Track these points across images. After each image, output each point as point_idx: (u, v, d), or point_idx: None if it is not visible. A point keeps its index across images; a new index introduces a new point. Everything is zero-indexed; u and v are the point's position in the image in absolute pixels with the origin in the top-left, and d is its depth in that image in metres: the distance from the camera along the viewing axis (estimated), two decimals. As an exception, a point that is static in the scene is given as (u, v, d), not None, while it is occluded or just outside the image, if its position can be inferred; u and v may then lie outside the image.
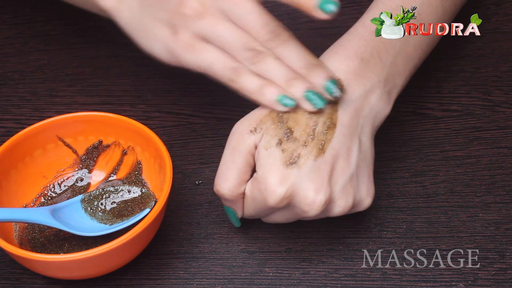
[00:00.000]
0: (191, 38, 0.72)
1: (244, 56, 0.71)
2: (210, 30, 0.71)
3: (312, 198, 0.69)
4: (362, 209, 0.73)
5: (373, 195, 0.73)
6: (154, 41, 0.74)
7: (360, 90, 0.72)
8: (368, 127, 0.73)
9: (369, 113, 0.73)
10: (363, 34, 0.75)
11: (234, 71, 0.71)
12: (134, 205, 0.77)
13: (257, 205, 0.72)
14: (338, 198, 0.70)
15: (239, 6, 0.70)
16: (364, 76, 0.73)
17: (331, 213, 0.71)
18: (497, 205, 0.78)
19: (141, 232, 0.70)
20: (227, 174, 0.72)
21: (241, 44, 0.71)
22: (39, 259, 0.69)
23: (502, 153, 0.82)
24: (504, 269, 0.74)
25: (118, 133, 0.79)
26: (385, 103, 0.74)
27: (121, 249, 0.70)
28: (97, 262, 0.70)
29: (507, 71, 0.89)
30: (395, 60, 0.75)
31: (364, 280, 0.74)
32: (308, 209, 0.70)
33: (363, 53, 0.74)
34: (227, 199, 0.73)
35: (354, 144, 0.71)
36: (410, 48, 0.76)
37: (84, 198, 0.77)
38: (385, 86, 0.74)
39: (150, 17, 0.73)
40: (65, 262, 0.69)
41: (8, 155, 0.76)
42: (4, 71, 0.93)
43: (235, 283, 0.74)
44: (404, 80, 0.76)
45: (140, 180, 0.79)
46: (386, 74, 0.74)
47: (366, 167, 0.72)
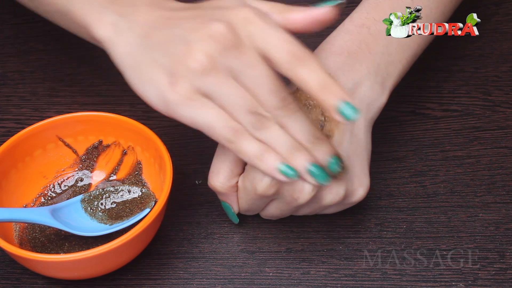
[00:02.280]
0: (191, 91, 0.67)
1: (248, 120, 0.67)
2: (214, 89, 0.66)
3: (300, 184, 0.69)
4: (356, 199, 0.73)
5: (367, 186, 0.73)
6: (148, 86, 0.68)
7: (348, 84, 0.73)
8: (360, 119, 0.73)
9: (360, 105, 0.73)
10: (349, 28, 0.75)
11: (234, 132, 0.67)
12: (134, 205, 0.77)
13: (248, 196, 0.72)
14: (327, 186, 0.70)
15: (253, 69, 0.66)
16: (352, 69, 0.73)
17: (323, 202, 0.71)
18: (497, 205, 0.78)
19: (141, 232, 0.70)
20: (219, 167, 0.73)
21: (246, 106, 0.66)
22: (39, 259, 0.69)
23: (502, 153, 0.82)
24: (504, 269, 0.74)
25: (118, 133, 0.79)
26: (377, 93, 0.74)
27: (121, 249, 0.70)
28: (97, 262, 0.70)
29: (507, 71, 0.89)
30: (387, 50, 0.75)
31: (364, 280, 0.74)
32: (297, 196, 0.70)
33: (350, 47, 0.74)
34: (219, 192, 0.74)
35: (344, 137, 0.72)
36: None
37: (84, 198, 0.77)
38: (376, 76, 0.74)
39: (149, 59, 0.68)
40: (65, 262, 0.69)
41: (8, 155, 0.76)
42: (4, 71, 0.93)
43: (235, 283, 0.74)
44: (401, 68, 0.76)
45: (140, 180, 0.79)
46: (376, 64, 0.74)
47: (358, 158, 0.72)
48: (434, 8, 0.79)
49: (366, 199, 0.77)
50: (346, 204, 0.73)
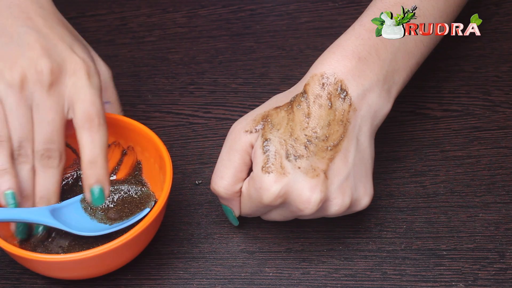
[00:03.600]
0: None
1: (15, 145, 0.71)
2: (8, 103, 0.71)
3: (307, 196, 0.69)
4: (360, 208, 0.73)
5: (372, 195, 0.73)
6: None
7: (358, 90, 0.72)
8: (366, 126, 0.73)
9: (368, 112, 0.73)
10: (360, 33, 0.75)
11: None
12: (133, 205, 0.77)
13: (253, 204, 0.72)
14: (334, 197, 0.70)
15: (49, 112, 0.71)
16: (362, 75, 0.73)
17: (328, 212, 0.71)
18: (497, 205, 0.78)
19: (141, 232, 0.70)
20: (223, 172, 0.73)
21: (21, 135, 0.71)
22: (39, 259, 0.69)
23: (502, 153, 0.82)
24: (504, 269, 0.74)
25: (118, 133, 0.79)
26: (384, 101, 0.74)
27: (121, 249, 0.70)
28: (97, 262, 0.70)
29: (507, 71, 0.89)
30: (395, 57, 0.75)
31: (364, 280, 0.74)
32: (304, 207, 0.70)
33: (361, 52, 0.74)
34: (222, 197, 0.74)
35: (351, 144, 0.71)
36: (411, 44, 0.76)
37: (84, 198, 0.77)
38: (384, 84, 0.74)
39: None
40: (65, 262, 0.69)
41: None
42: (4, 71, 0.92)
43: (235, 283, 0.74)
44: (405, 77, 0.76)
45: (140, 180, 0.79)
46: (385, 72, 0.74)
47: (364, 167, 0.72)
48: (438, 18, 0.78)
49: (366, 199, 0.78)
50: (349, 212, 0.73)
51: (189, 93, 0.90)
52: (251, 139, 0.72)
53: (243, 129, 0.72)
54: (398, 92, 0.76)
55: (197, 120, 0.87)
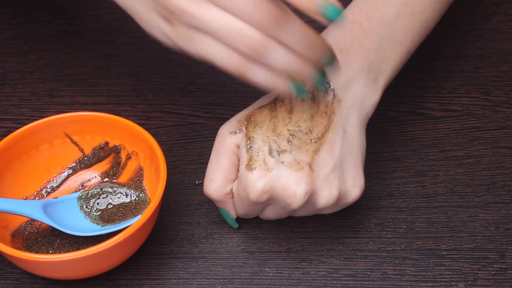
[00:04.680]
0: (187, 29, 0.67)
1: (245, 50, 0.66)
2: (202, 26, 0.66)
3: (293, 190, 0.69)
4: (351, 200, 0.72)
5: (362, 186, 0.72)
6: (154, 29, 0.69)
7: (341, 81, 0.72)
8: (353, 116, 0.73)
9: (353, 103, 0.73)
10: (342, 25, 0.75)
11: (238, 64, 0.66)
12: (128, 210, 0.77)
13: (244, 203, 0.72)
14: (321, 189, 0.70)
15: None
16: (344, 66, 0.73)
17: (318, 205, 0.71)
18: (497, 205, 0.78)
19: (131, 235, 0.69)
20: (212, 175, 0.73)
21: (238, 38, 0.65)
22: (28, 258, 0.69)
23: (502, 153, 0.82)
24: (504, 269, 0.74)
25: (123, 137, 0.79)
26: (370, 90, 0.74)
27: (110, 251, 0.69)
28: (87, 263, 0.70)
29: (507, 71, 0.89)
30: (380, 46, 0.75)
31: (364, 280, 0.74)
32: (290, 201, 0.70)
33: (342, 43, 0.74)
34: (215, 199, 0.74)
35: (337, 135, 0.71)
36: (398, 32, 0.76)
37: (82, 195, 0.77)
38: (369, 73, 0.74)
39: (143, 6, 0.69)
40: (53, 263, 0.69)
41: (14, 146, 0.77)
42: (4, 71, 0.93)
43: (235, 283, 0.74)
44: (394, 65, 0.76)
45: (141, 186, 0.79)
46: (369, 61, 0.74)
47: (352, 158, 0.72)
48: (428, 4, 0.78)
49: (366, 199, 0.78)
50: (341, 205, 0.73)
51: (189, 93, 0.90)
52: (236, 140, 0.72)
53: (228, 131, 0.73)
54: (388, 81, 0.75)
55: (197, 120, 0.87)
